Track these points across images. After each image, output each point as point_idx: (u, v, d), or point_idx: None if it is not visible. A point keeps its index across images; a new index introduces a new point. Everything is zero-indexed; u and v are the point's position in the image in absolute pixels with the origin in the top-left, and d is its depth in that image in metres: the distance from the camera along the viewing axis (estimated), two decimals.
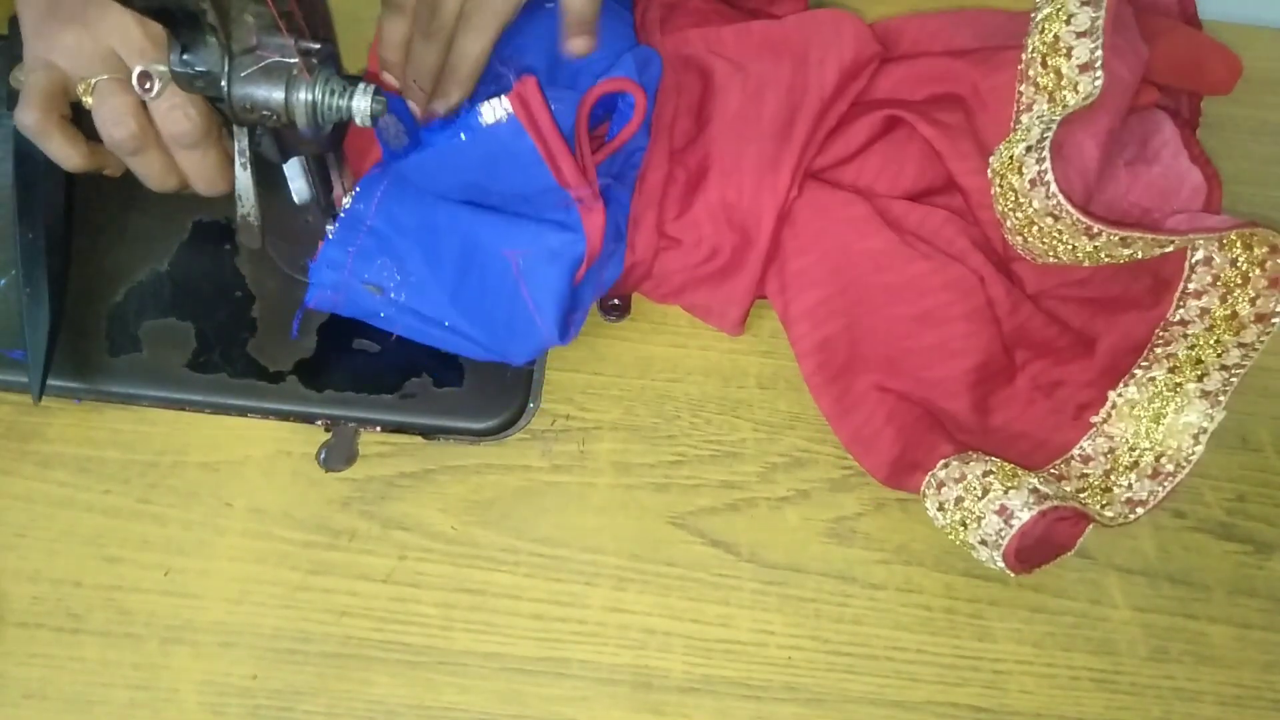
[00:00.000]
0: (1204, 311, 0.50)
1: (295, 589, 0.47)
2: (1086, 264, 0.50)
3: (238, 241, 0.53)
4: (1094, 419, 0.51)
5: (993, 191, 0.51)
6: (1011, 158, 0.49)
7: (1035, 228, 0.49)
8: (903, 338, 0.51)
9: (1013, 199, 0.49)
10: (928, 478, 0.48)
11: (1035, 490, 0.46)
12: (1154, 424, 0.50)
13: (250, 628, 0.46)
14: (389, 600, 0.47)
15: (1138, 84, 0.53)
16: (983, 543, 0.47)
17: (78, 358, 0.50)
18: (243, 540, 0.48)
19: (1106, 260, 0.49)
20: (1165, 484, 0.49)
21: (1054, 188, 0.46)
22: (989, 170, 0.51)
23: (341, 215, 0.49)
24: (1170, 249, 0.49)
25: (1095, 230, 0.47)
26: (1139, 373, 0.50)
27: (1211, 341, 0.49)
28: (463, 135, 0.44)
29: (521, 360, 0.51)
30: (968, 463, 0.48)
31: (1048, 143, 0.47)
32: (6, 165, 0.50)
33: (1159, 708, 0.48)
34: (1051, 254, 0.50)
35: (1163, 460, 0.49)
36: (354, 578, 0.48)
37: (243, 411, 0.50)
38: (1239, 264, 0.49)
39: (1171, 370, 0.50)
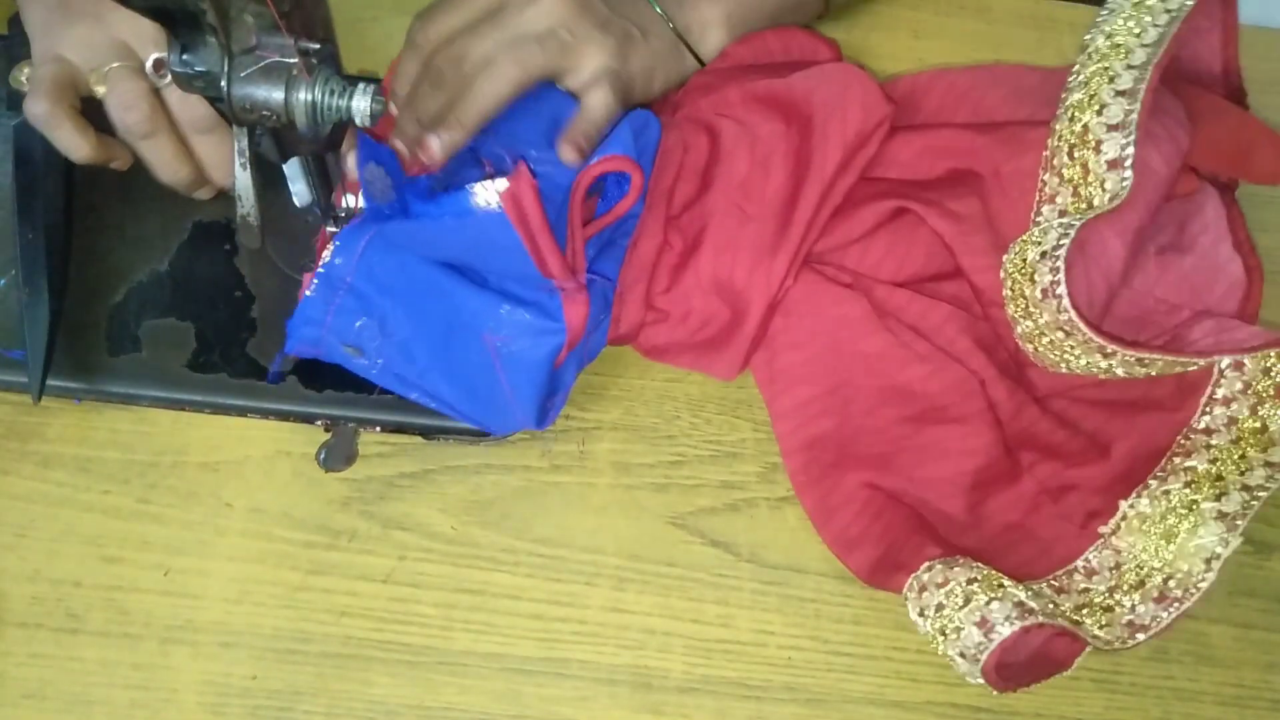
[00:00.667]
0: (1231, 421, 0.46)
1: (295, 589, 0.47)
2: (1100, 378, 0.47)
3: (237, 241, 0.53)
4: (1102, 529, 0.47)
5: (1004, 293, 0.48)
6: (1025, 261, 0.46)
7: (1046, 339, 0.46)
8: (897, 438, 0.49)
9: (1023, 306, 0.46)
10: (910, 580, 0.46)
11: (1021, 604, 0.43)
12: (1165, 542, 0.45)
13: (250, 628, 0.46)
14: (389, 600, 0.47)
15: (1175, 176, 0.49)
16: (961, 656, 0.44)
17: (77, 358, 0.50)
18: (242, 540, 0.48)
19: (1122, 376, 0.46)
20: (1170, 609, 0.45)
21: (1066, 302, 0.43)
22: (1001, 269, 0.48)
23: (321, 271, 0.48)
24: (1193, 368, 0.46)
25: (1110, 350, 0.44)
26: (1154, 484, 0.46)
27: (1236, 456, 0.45)
28: (449, 219, 0.43)
29: (501, 433, 0.50)
30: (952, 568, 0.45)
31: (1064, 251, 0.44)
32: (6, 165, 0.50)
33: (1159, 708, 0.48)
34: (1064, 365, 0.47)
35: (1170, 584, 0.45)
36: (354, 578, 0.48)
37: (242, 411, 0.50)
38: (1273, 373, 0.45)
39: (1188, 485, 0.46)
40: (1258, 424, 0.46)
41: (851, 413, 0.50)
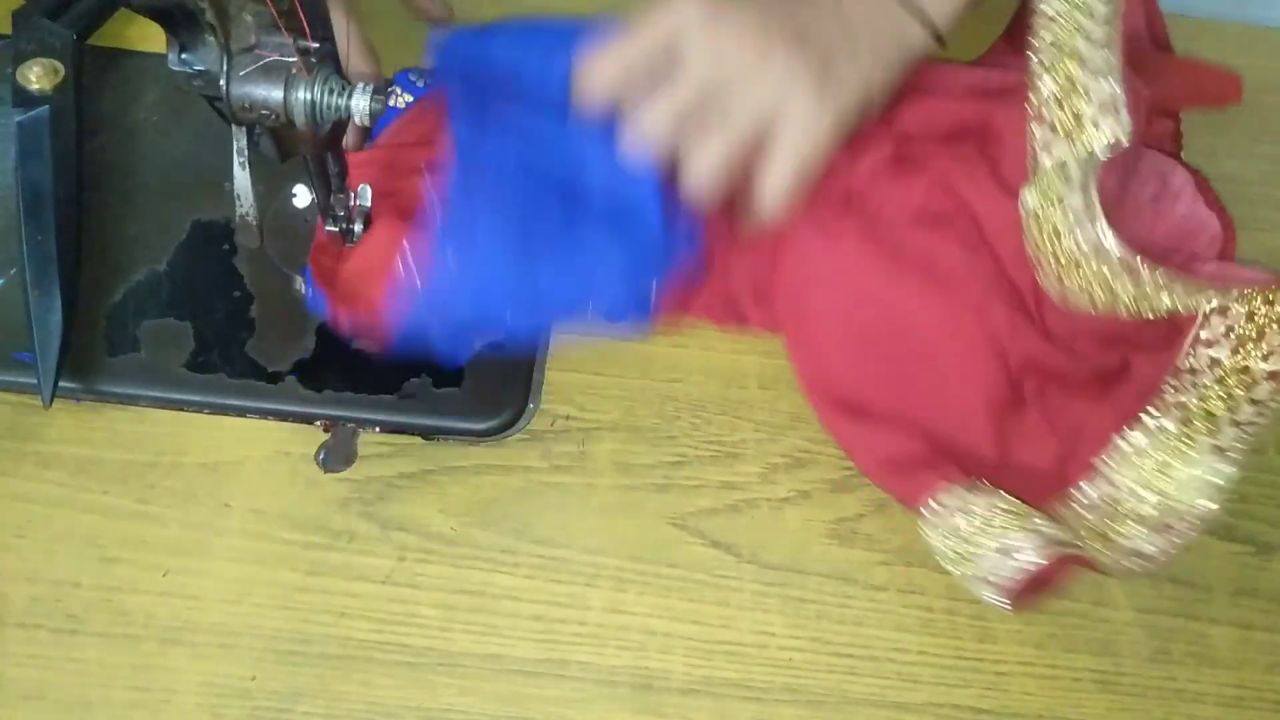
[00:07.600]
0: (1214, 362, 0.47)
1: (294, 590, 0.47)
2: (1123, 314, 0.48)
3: (236, 241, 0.53)
4: (1094, 460, 0.49)
5: (1029, 235, 0.49)
6: (1046, 196, 0.48)
7: (1079, 270, 0.47)
8: (911, 374, 0.51)
9: (1055, 241, 0.48)
10: (929, 500, 0.47)
11: (1042, 531, 0.45)
12: (1161, 475, 0.47)
13: (249, 629, 0.46)
14: (388, 601, 0.47)
15: (1144, 118, 0.51)
16: (985, 580, 0.46)
17: (76, 358, 0.50)
18: (241, 541, 0.48)
19: (1144, 308, 0.47)
20: (1173, 540, 0.47)
21: (1104, 223, 0.45)
22: (1021, 210, 0.49)
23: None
24: (1211, 300, 0.47)
25: (1141, 270, 0.45)
26: (1149, 421, 0.48)
27: (1222, 394, 0.47)
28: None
29: (625, 293, 0.47)
30: (972, 491, 0.47)
31: (1093, 181, 0.46)
32: (7, 164, 0.50)
33: (1161, 709, 0.48)
34: (1091, 299, 0.48)
35: (1168, 514, 0.47)
36: (353, 579, 0.48)
37: (241, 412, 0.50)
38: (1256, 318, 0.47)
39: (1183, 422, 0.47)
40: (1240, 364, 0.47)
41: (862, 343, 0.51)
